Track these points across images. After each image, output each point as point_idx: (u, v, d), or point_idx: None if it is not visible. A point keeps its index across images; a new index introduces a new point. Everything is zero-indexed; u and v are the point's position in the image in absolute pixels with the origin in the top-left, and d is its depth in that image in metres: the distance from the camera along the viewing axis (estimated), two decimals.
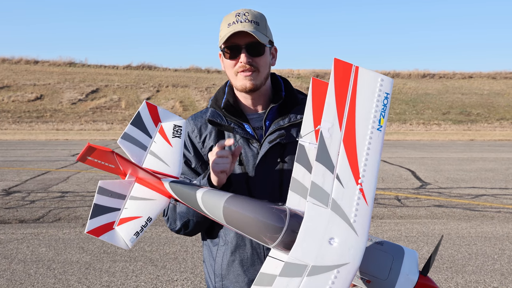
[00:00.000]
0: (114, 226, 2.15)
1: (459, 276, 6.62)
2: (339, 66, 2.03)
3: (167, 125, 2.30)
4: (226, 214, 2.04)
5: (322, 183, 1.89)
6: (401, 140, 34.96)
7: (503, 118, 51.50)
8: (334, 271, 1.75)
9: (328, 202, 1.87)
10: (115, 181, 2.20)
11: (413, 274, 1.93)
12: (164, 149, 2.27)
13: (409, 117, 50.86)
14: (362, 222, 1.84)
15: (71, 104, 51.90)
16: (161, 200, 2.20)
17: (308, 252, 1.81)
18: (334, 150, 1.92)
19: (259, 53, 2.42)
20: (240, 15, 2.40)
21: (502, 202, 11.70)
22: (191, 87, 57.71)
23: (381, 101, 1.98)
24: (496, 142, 33.43)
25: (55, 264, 6.99)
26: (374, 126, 1.95)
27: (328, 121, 1.96)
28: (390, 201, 11.74)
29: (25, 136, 35.91)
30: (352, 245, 1.80)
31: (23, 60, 62.94)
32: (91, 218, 2.12)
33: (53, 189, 12.96)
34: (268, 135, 2.48)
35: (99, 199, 2.15)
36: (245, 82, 2.44)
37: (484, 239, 8.41)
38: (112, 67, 64.60)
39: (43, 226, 9.14)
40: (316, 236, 1.83)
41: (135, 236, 2.13)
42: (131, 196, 2.20)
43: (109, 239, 2.13)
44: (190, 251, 7.55)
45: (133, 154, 2.23)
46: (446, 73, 65.29)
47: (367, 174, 1.89)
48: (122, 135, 2.23)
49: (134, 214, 2.16)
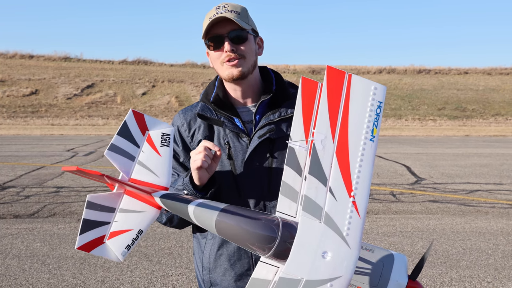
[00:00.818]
0: (105, 240, 2.12)
1: (453, 271, 6.64)
2: (332, 74, 1.99)
3: (154, 134, 2.24)
4: (218, 228, 2.03)
5: (315, 196, 1.88)
6: (396, 135, 35.02)
7: (498, 113, 51.64)
8: (328, 284, 1.77)
9: (321, 216, 1.87)
10: (104, 194, 2.15)
11: (402, 279, 1.98)
12: (152, 159, 2.21)
13: (405, 113, 50.94)
14: (354, 235, 1.84)
15: (66, 99, 51.80)
16: (151, 211, 2.18)
17: (302, 267, 1.82)
18: (327, 162, 1.91)
19: (242, 40, 2.41)
20: (220, 8, 2.40)
21: (496, 197, 11.73)
22: (187, 82, 57.65)
23: (374, 110, 1.95)
24: (491, 138, 33.53)
25: (49, 259, 6.99)
26: (367, 136, 1.92)
27: (321, 132, 1.94)
28: (385, 196, 11.76)
29: (20, 131, 35.83)
30: (345, 258, 1.81)
31: (18, 54, 62.76)
32: (80, 234, 2.09)
33: (48, 184, 12.94)
34: (258, 129, 2.46)
35: (88, 214, 2.11)
36: (231, 71, 2.43)
37: (478, 234, 8.44)
38: (108, 62, 64.48)
39: (37, 221, 9.13)
40: (309, 250, 1.84)
41: (126, 250, 2.11)
42: (120, 209, 2.17)
43: (100, 253, 2.10)
44: (185, 246, 7.55)
45: (121, 166, 2.18)
46: (441, 69, 65.40)
47: (360, 187, 1.88)
48: (109, 147, 2.16)
49: (124, 227, 2.14)
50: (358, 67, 65.75)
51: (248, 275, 2.48)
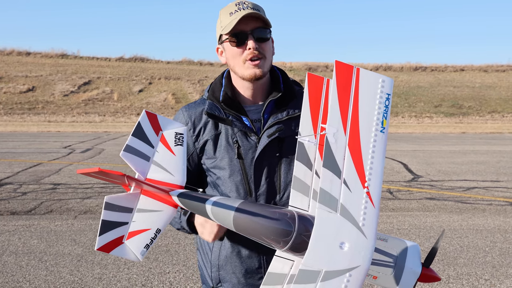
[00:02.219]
0: (124, 241, 2.14)
1: (450, 269, 6.65)
2: (341, 69, 2.02)
3: (168, 133, 2.27)
4: (236, 224, 2.06)
5: (330, 188, 1.91)
6: (393, 132, 35.05)
7: (495, 111, 51.72)
8: (347, 274, 1.80)
9: (337, 208, 1.90)
10: (121, 195, 2.18)
11: (417, 267, 2.04)
12: (167, 158, 2.24)
13: (401, 110, 50.98)
14: (370, 225, 1.88)
15: (63, 96, 51.73)
16: (168, 210, 2.20)
17: (321, 258, 1.85)
18: (340, 155, 1.94)
19: (266, 38, 2.39)
20: (241, 4, 2.36)
21: (493, 194, 11.75)
22: (184, 80, 57.60)
23: (383, 102, 1.99)
24: (487, 135, 33.58)
25: (46, 256, 6.98)
26: (378, 128, 1.96)
27: (333, 126, 1.96)
28: (382, 193, 11.74)
29: (17, 127, 35.78)
30: (362, 248, 1.85)
31: (15, 51, 62.64)
32: (100, 235, 2.11)
33: (45, 181, 12.92)
34: (267, 128, 2.45)
35: (107, 215, 2.14)
36: (254, 71, 2.39)
37: (475, 232, 8.45)
38: (105, 59, 64.41)
39: (34, 218, 9.12)
40: (327, 241, 1.87)
41: (145, 249, 2.13)
42: (138, 209, 2.19)
43: (120, 254, 2.13)
44: (182, 244, 7.55)
45: (137, 166, 2.20)
46: (438, 66, 65.48)
47: (373, 177, 1.92)
48: (124, 147, 2.19)
49: (142, 227, 2.16)
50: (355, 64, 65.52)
51: (258, 273, 2.51)
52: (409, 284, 2.04)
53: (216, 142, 2.49)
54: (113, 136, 30.11)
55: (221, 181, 2.50)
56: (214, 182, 2.54)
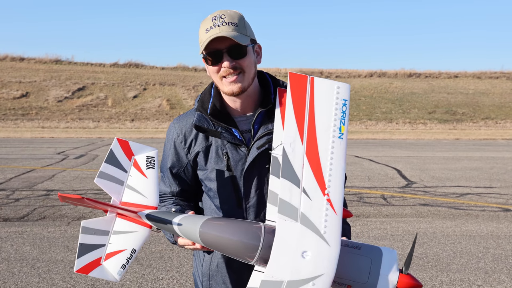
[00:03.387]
0: (102, 262, 2.23)
1: (443, 275, 6.65)
2: (295, 79, 2.04)
3: (140, 158, 2.36)
4: (203, 239, 2.10)
5: (290, 198, 1.92)
6: (387, 139, 35.12)
7: (488, 117, 51.87)
8: (310, 283, 1.79)
9: (297, 217, 1.89)
10: (97, 219, 2.28)
11: (393, 274, 1.95)
12: (140, 181, 2.33)
13: (395, 116, 51.08)
14: (332, 232, 1.86)
15: (57, 102, 51.61)
16: (142, 231, 2.29)
17: (283, 268, 1.84)
18: (298, 164, 1.95)
19: (241, 55, 2.33)
20: (217, 19, 2.31)
21: (486, 201, 11.78)
22: (178, 86, 57.58)
23: (340, 108, 1.99)
24: (481, 141, 33.66)
25: (39, 263, 6.95)
26: (335, 134, 1.96)
27: (289, 136, 1.98)
28: (376, 200, 11.78)
29: (10, 133, 35.66)
30: (325, 256, 1.83)
31: (8, 57, 62.46)
32: (78, 258, 2.22)
33: (38, 187, 12.88)
34: (257, 140, 2.42)
35: (84, 238, 2.25)
36: (231, 87, 2.36)
37: (468, 238, 8.47)
38: (99, 65, 64.32)
39: (27, 224, 9.08)
40: (289, 251, 1.86)
41: (122, 269, 2.22)
42: (114, 231, 2.28)
43: (98, 275, 2.22)
44: (176, 250, 7.53)
45: (112, 191, 2.29)
46: (432, 73, 65.63)
47: (333, 184, 1.91)
48: (98, 174, 2.29)
49: (119, 248, 2.25)
50: (349, 71, 65.84)
51: None
52: None
53: (207, 154, 2.48)
54: (107, 142, 30.04)
55: (212, 193, 2.50)
56: (207, 193, 2.55)
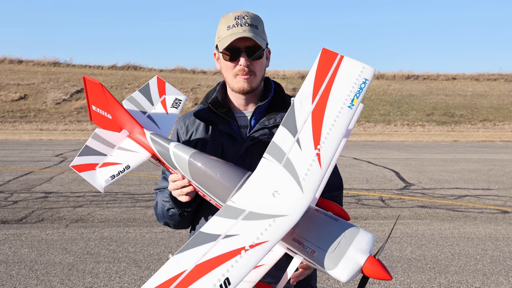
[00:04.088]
0: (96, 168, 2.36)
1: (442, 277, 6.66)
2: (325, 54, 2.13)
3: (169, 98, 2.59)
4: (191, 168, 2.21)
5: (282, 143, 1.98)
6: (385, 141, 35.12)
7: (486, 119, 51.91)
8: (270, 220, 1.80)
9: (282, 160, 1.95)
10: (110, 132, 2.45)
11: (362, 254, 1.88)
12: (160, 115, 2.54)
13: (394, 118, 51.10)
14: (311, 182, 1.89)
15: (56, 104, 51.57)
16: (143, 153, 2.41)
17: (249, 199, 1.90)
18: (302, 119, 2.00)
19: (258, 57, 2.46)
20: (240, 18, 2.42)
21: (484, 202, 11.79)
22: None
23: (359, 84, 2.06)
24: (479, 143, 33.68)
25: (37, 265, 6.94)
26: (346, 103, 2.02)
27: (302, 95, 2.05)
28: (374, 201, 11.79)
29: (9, 136, 35.60)
30: (295, 200, 1.86)
31: (7, 59, 62.41)
32: (79, 155, 2.36)
33: (37, 189, 12.87)
34: (252, 133, 2.51)
35: (91, 142, 2.41)
36: (243, 85, 2.48)
37: (466, 240, 8.48)
38: (97, 67, 64.27)
39: (25, 226, 9.08)
40: (262, 186, 1.92)
41: (110, 179, 2.33)
42: (119, 147, 2.43)
43: (88, 178, 2.33)
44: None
45: (133, 114, 2.44)
46: (430, 75, 65.65)
47: (328, 142, 1.95)
48: (128, 98, 2.51)
49: (115, 161, 2.39)
50: None
51: None
52: (349, 271, 1.84)
53: (205, 145, 2.57)
54: None
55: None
56: None
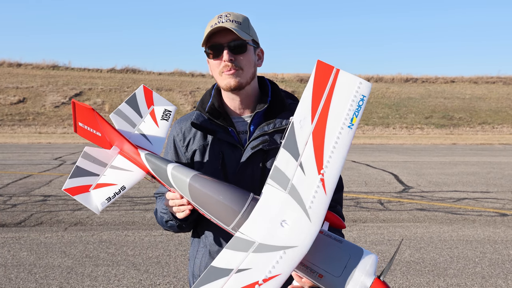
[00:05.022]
0: (90, 190, 2.27)
1: (440, 280, 6.66)
2: (321, 68, 2.11)
3: (158, 109, 2.48)
4: (191, 191, 2.14)
5: (285, 168, 1.96)
6: (384, 144, 35.14)
7: (485, 122, 51.95)
8: (281, 251, 1.78)
9: (287, 186, 1.93)
10: (100, 150, 2.35)
11: (368, 276, 1.90)
12: (151, 129, 2.44)
13: (392, 121, 51.12)
14: (317, 209, 1.88)
15: (54, 107, 51.55)
16: (138, 172, 2.33)
17: (258, 230, 1.86)
18: (302, 140, 1.99)
19: (241, 50, 2.41)
20: (222, 17, 2.41)
21: (483, 205, 11.80)
22: (175, 91, 57.59)
23: (357, 101, 2.05)
24: (478, 146, 33.70)
25: (36, 269, 6.94)
26: (346, 123, 2.01)
27: (300, 114, 2.04)
28: (373, 204, 11.79)
29: (7, 139, 35.58)
30: (304, 230, 1.84)
31: (5, 62, 62.39)
32: (70, 178, 2.26)
33: (35, 192, 12.87)
34: (252, 140, 2.46)
35: (82, 162, 2.30)
36: (229, 81, 2.42)
37: (465, 243, 8.48)
38: (96, 70, 64.26)
39: (24, 230, 9.07)
40: (268, 216, 1.89)
41: (106, 201, 2.25)
42: (111, 166, 2.34)
43: (83, 201, 2.25)
44: (173, 255, 7.54)
45: (122, 128, 2.37)
46: (428, 78, 65.69)
47: (331, 166, 1.94)
48: (114, 111, 2.39)
49: (110, 181, 2.30)
50: None
51: None
52: None
53: (203, 152, 2.52)
54: None
55: None
56: None
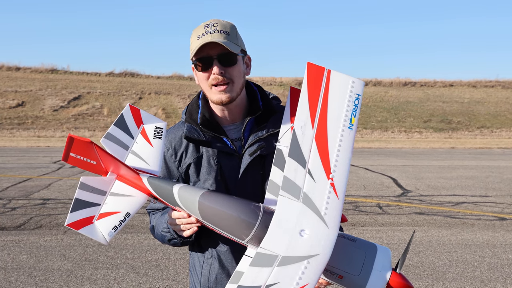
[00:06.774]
0: (94, 221, 2.20)
1: (439, 284, 6.68)
2: (312, 70, 2.12)
3: (149, 127, 2.40)
4: (201, 209, 2.11)
5: (294, 177, 1.96)
6: (383, 147, 35.15)
7: (484, 126, 51.99)
8: (305, 261, 1.80)
9: (299, 196, 1.94)
10: (97, 178, 2.27)
11: (386, 271, 1.96)
12: (145, 149, 2.36)
13: (391, 125, 51.15)
14: (333, 215, 1.90)
15: (53, 111, 51.54)
16: (140, 196, 2.28)
17: (279, 243, 1.86)
18: (306, 146, 2.00)
19: (231, 63, 2.35)
20: (209, 26, 2.33)
21: (482, 209, 11.82)
22: (174, 95, 57.60)
23: (352, 101, 2.08)
24: (476, 150, 33.72)
25: (36, 272, 6.95)
26: (346, 124, 2.04)
27: (301, 119, 2.05)
28: (371, 208, 11.80)
29: (6, 143, 35.57)
30: (323, 237, 1.85)
31: (4, 66, 62.38)
32: (71, 212, 2.19)
33: (35, 196, 12.87)
34: (248, 147, 2.44)
35: (80, 194, 2.24)
36: (220, 96, 2.37)
37: (464, 247, 8.50)
38: (95, 74, 64.25)
39: (24, 233, 9.08)
40: (287, 227, 1.89)
41: (113, 231, 2.18)
42: (111, 193, 2.27)
43: (88, 233, 2.18)
44: (172, 259, 7.54)
45: (115, 153, 2.30)
46: (427, 81, 65.73)
47: (338, 170, 1.96)
48: (105, 135, 2.32)
49: (113, 210, 2.23)
50: None
51: None
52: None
53: (199, 165, 2.48)
54: None
55: None
56: None
